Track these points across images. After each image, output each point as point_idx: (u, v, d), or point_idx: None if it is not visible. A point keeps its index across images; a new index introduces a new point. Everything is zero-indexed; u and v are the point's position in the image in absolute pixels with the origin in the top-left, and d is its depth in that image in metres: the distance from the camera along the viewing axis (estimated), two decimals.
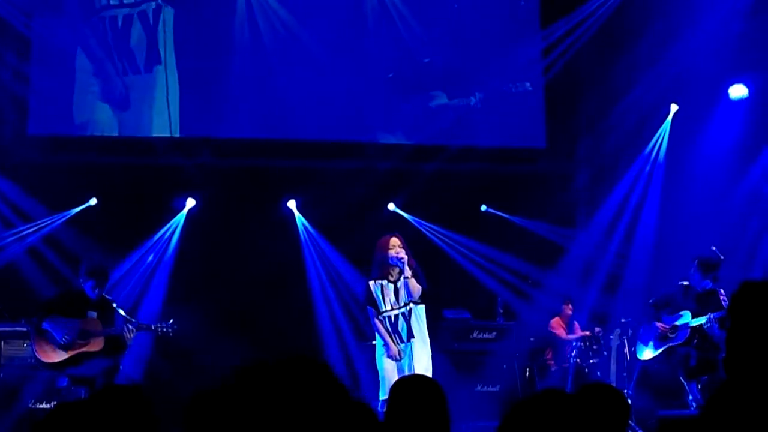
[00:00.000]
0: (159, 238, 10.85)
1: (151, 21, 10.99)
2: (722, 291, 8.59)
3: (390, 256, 7.51)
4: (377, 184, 11.07)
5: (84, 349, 7.83)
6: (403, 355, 7.45)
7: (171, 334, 8.25)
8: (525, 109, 11.66)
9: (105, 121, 10.88)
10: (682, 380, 8.71)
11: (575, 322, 10.61)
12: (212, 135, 11.20)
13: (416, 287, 7.45)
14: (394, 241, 7.60)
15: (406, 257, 7.47)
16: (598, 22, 11.40)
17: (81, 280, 8.10)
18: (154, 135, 10.96)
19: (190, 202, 11.00)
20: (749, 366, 2.18)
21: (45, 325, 7.77)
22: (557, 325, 10.55)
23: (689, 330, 8.69)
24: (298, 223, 11.33)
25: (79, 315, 7.92)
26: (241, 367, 1.91)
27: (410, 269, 7.47)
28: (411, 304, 7.52)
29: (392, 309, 7.53)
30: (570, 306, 10.63)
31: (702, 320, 8.56)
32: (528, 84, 11.66)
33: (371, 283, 7.61)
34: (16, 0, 10.63)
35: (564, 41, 11.48)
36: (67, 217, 10.60)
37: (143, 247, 10.75)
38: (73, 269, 9.52)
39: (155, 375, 9.77)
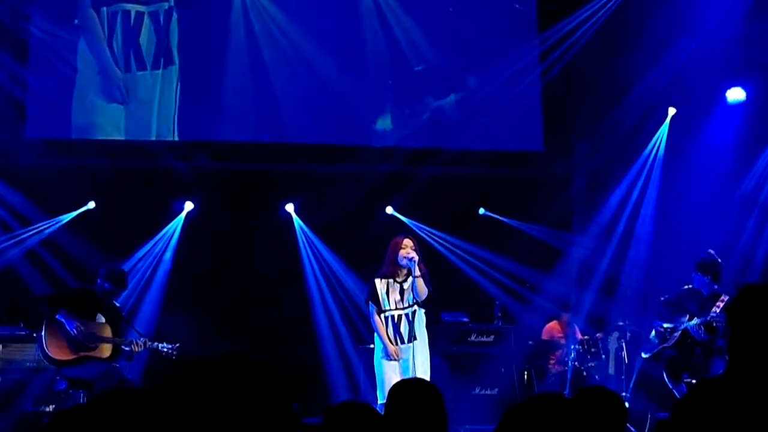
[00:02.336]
0: (157, 241, 10.85)
1: (161, 22, 11.03)
2: (724, 297, 8.59)
3: (400, 256, 7.53)
4: (375, 188, 11.08)
5: (92, 354, 7.84)
6: (401, 355, 7.45)
7: (174, 358, 8.25)
8: (522, 112, 11.67)
9: (105, 124, 10.88)
10: (669, 385, 8.73)
11: (575, 326, 10.60)
12: (210, 138, 11.21)
13: (423, 288, 7.47)
14: (407, 242, 7.63)
15: (417, 257, 7.50)
16: (595, 26, 11.41)
17: (99, 281, 8.13)
18: (156, 138, 10.97)
19: (189, 206, 11.00)
20: (753, 370, 2.18)
21: (59, 317, 7.77)
22: (554, 331, 10.54)
23: (680, 332, 8.73)
24: (296, 227, 11.33)
25: (89, 316, 7.94)
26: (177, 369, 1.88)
27: (420, 270, 7.50)
28: (415, 306, 7.54)
29: (396, 308, 7.54)
30: (568, 314, 10.61)
31: (691, 323, 8.61)
32: (525, 87, 11.67)
33: (377, 280, 7.61)
34: (13, 2, 10.64)
35: (561, 45, 11.49)
36: (65, 220, 10.59)
37: (141, 250, 10.75)
38: (72, 272, 9.55)
39: (151, 378, 9.76)
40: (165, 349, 8.22)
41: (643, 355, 9.17)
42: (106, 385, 7.63)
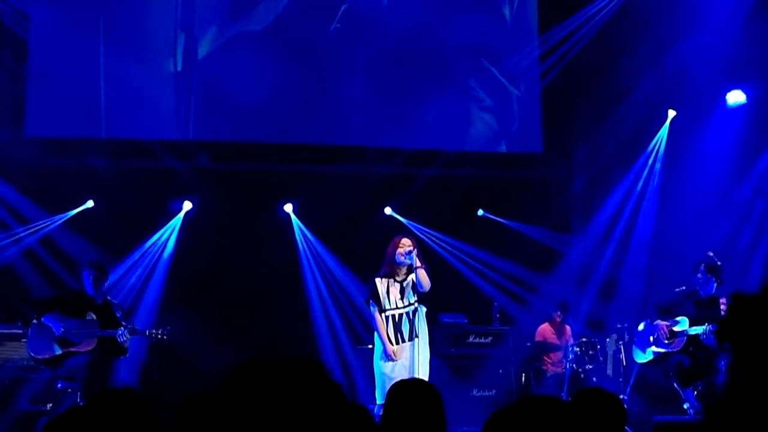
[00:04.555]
0: (155, 241, 10.84)
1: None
2: (723, 300, 8.55)
3: (398, 254, 7.53)
4: (374, 188, 11.07)
5: (74, 349, 7.82)
6: (401, 355, 7.44)
7: (165, 341, 8.22)
8: (522, 114, 11.67)
9: (114, 123, 10.86)
10: (677, 387, 8.70)
11: (566, 326, 10.60)
12: (209, 138, 11.19)
13: (426, 278, 7.46)
14: (405, 241, 7.64)
15: (415, 250, 7.49)
16: (595, 28, 11.41)
17: (81, 273, 8.11)
18: (170, 137, 10.98)
19: (187, 205, 10.99)
20: (753, 386, 2.10)
21: (45, 320, 7.77)
22: (546, 332, 10.54)
23: (686, 338, 8.68)
24: (295, 227, 11.32)
25: (78, 314, 7.92)
26: (233, 369, 1.88)
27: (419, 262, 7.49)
28: (416, 304, 7.54)
29: (396, 308, 7.54)
30: (558, 313, 10.60)
31: (699, 330, 8.55)
32: (525, 89, 11.67)
33: (377, 280, 7.63)
34: (14, 0, 10.61)
35: (561, 46, 11.50)
36: (64, 219, 10.58)
37: (140, 249, 10.73)
38: (70, 271, 9.53)
39: (150, 379, 9.74)
40: (155, 335, 8.18)
41: (638, 361, 9.10)
42: (88, 376, 7.63)
